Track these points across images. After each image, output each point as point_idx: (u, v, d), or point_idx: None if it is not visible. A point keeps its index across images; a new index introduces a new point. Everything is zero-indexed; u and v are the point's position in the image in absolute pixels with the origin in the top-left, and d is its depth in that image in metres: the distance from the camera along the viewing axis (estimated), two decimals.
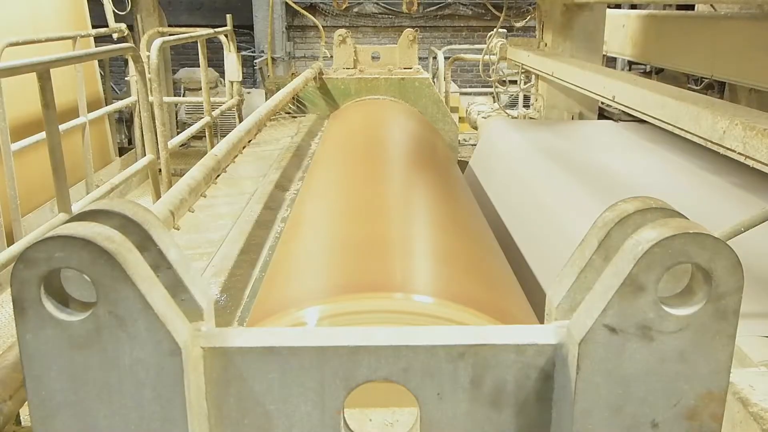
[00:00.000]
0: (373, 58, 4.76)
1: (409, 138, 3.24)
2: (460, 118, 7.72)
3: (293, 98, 4.03)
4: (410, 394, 0.70)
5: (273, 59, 11.47)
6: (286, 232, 2.07)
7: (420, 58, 5.28)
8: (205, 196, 2.06)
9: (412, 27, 7.18)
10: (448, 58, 6.73)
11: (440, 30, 13.28)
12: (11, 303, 0.67)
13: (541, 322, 0.79)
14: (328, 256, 1.65)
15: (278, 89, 3.70)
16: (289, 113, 4.33)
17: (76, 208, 3.39)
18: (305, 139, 3.78)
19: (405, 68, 4.67)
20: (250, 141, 2.66)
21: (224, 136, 2.37)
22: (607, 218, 0.72)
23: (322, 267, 1.59)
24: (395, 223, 1.83)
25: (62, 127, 3.95)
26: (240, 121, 5.92)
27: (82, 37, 5.87)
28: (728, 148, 2.00)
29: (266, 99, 4.52)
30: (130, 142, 8.30)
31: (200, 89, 7.02)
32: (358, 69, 4.64)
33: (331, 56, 4.85)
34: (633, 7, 5.28)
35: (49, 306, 0.64)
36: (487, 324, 1.26)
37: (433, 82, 5.90)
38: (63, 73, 5.23)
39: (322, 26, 8.27)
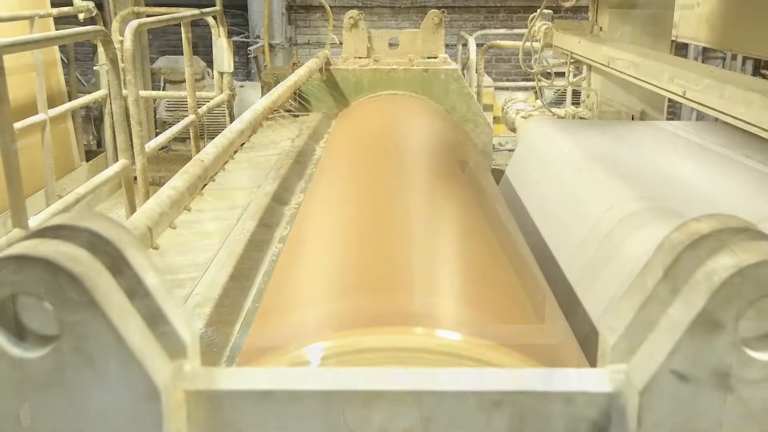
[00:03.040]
0: (390, 45, 4.78)
1: (433, 142, 3.25)
2: (494, 117, 7.74)
3: (294, 93, 4.05)
4: None
5: (271, 46, 11.54)
6: (285, 254, 2.07)
7: (447, 46, 5.31)
8: (189, 210, 2.07)
9: (438, 8, 7.21)
10: (482, 45, 6.76)
11: (472, 11, 13.33)
12: None
13: (593, 365, 0.78)
14: (335, 283, 1.65)
15: (277, 82, 3.72)
16: (289, 111, 4.35)
17: (34, 222, 3.42)
18: (308, 142, 3.80)
19: (429, 57, 4.68)
20: (243, 144, 2.68)
21: (212, 138, 2.38)
22: (675, 240, 0.72)
23: (327, 296, 1.59)
24: (416, 244, 1.83)
25: (17, 125, 4.00)
26: (231, 121, 5.95)
27: (41, 17, 5.95)
28: None
29: (262, 94, 4.54)
30: (99, 144, 8.38)
31: (183, 82, 7.08)
32: (373, 58, 4.67)
33: (340, 43, 4.88)
34: None
35: (2, 340, 0.65)
36: (527, 366, 1.25)
37: (463, 74, 5.91)
38: (18, 60, 5.28)
39: (330, 6, 8.32)
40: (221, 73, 6.69)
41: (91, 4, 6.76)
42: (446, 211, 2.21)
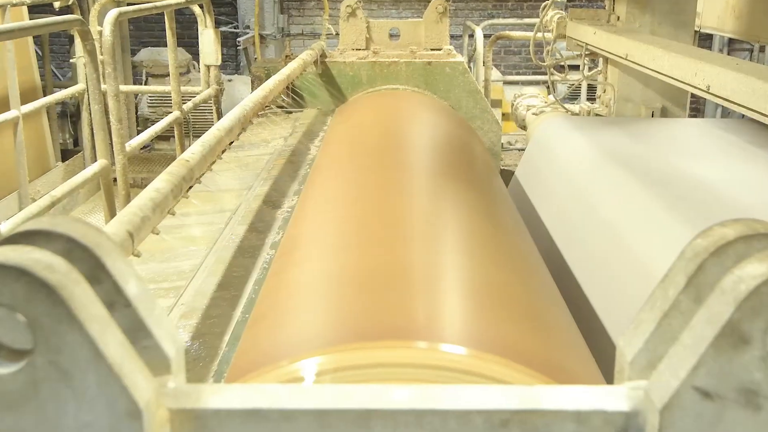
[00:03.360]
0: (391, 36, 4.79)
1: (436, 141, 3.25)
2: (503, 114, 7.76)
3: (287, 88, 4.05)
4: None
5: (261, 37, 11.55)
6: (278, 261, 2.07)
7: (452, 37, 5.31)
8: (173, 214, 2.07)
9: None
10: (489, 36, 6.77)
11: None
12: None
13: (610, 381, 0.78)
14: (331, 293, 1.65)
15: (268, 76, 3.72)
16: (282, 107, 4.35)
17: (6, 228, 3.42)
18: (302, 141, 3.80)
19: (433, 49, 4.69)
20: (231, 143, 2.68)
21: (198, 137, 2.39)
22: (698, 247, 0.72)
23: (323, 306, 1.59)
24: (418, 252, 1.83)
25: None
26: (219, 117, 5.96)
27: (14, 5, 5.95)
28: None
29: (252, 89, 4.54)
30: (76, 143, 8.39)
31: (167, 75, 7.08)
32: (372, 50, 4.67)
33: (337, 34, 4.89)
34: None
35: None
36: (538, 383, 1.25)
37: (470, 67, 5.91)
38: None
39: None
40: (208, 66, 6.69)
41: None
42: (451, 216, 2.21)
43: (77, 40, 6.37)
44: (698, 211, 2.83)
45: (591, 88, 7.71)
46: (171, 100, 5.91)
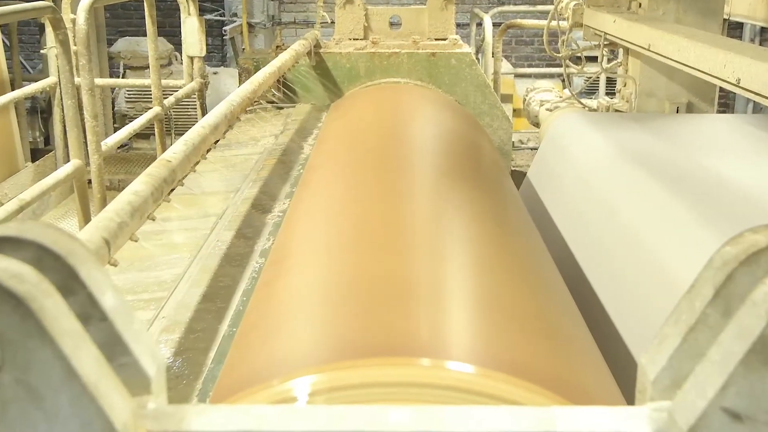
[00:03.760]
0: (391, 24, 4.79)
1: (441, 139, 3.25)
2: (514, 110, 7.76)
3: (278, 82, 4.05)
4: None
5: (250, 26, 11.59)
6: (268, 270, 2.07)
7: (459, 25, 5.32)
8: (153, 219, 2.07)
9: None
10: (499, 24, 6.78)
11: None
12: None
13: (631, 402, 0.78)
14: (325, 305, 1.65)
15: (257, 69, 3.73)
16: (272, 103, 4.36)
17: None
18: (295, 139, 3.80)
19: (437, 39, 4.70)
20: (217, 142, 2.69)
21: (181, 135, 2.39)
22: (727, 255, 0.72)
23: (317, 320, 1.59)
24: (421, 260, 1.83)
25: None
26: (203, 114, 5.96)
27: None
28: None
29: (240, 82, 4.55)
30: (47, 141, 8.39)
31: (147, 68, 7.09)
32: (371, 40, 4.68)
33: (332, 22, 4.89)
34: None
35: None
36: (551, 404, 1.25)
37: (477, 59, 5.91)
38: None
39: None
40: (191, 58, 6.69)
41: None
42: (456, 222, 2.21)
43: (48, 29, 6.37)
44: (728, 215, 2.83)
45: (610, 82, 7.71)
46: (151, 94, 5.91)
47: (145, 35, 6.20)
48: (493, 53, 6.71)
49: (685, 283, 0.76)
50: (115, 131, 6.40)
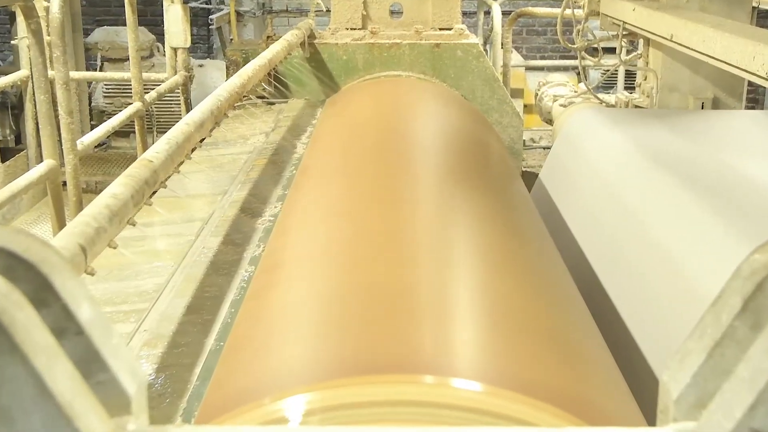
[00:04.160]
0: (392, 12, 4.79)
1: (446, 137, 3.25)
2: (525, 106, 7.76)
3: (269, 75, 4.06)
4: None
5: (239, 14, 11.58)
6: (258, 279, 2.07)
7: (465, 14, 5.32)
8: (133, 225, 2.07)
9: None
10: (509, 12, 6.78)
11: None
12: None
13: (652, 422, 0.78)
14: (321, 318, 1.65)
15: (246, 61, 3.73)
16: (262, 98, 4.36)
17: None
18: (287, 137, 3.81)
19: (441, 29, 4.70)
20: (203, 140, 2.68)
21: (164, 132, 2.39)
22: (757, 263, 0.72)
23: (311, 334, 1.59)
24: (424, 269, 1.83)
25: None
26: (188, 110, 5.96)
27: None
28: None
29: (228, 76, 4.55)
30: (18, 140, 8.38)
31: (126, 60, 7.09)
32: (370, 30, 4.68)
33: (328, 10, 4.90)
34: None
35: None
36: (566, 425, 1.25)
37: (485, 50, 5.92)
38: None
39: None
40: (175, 49, 6.69)
41: None
42: (463, 228, 2.21)
43: (20, 18, 6.38)
44: (758, 221, 2.83)
45: (629, 76, 7.72)
46: (131, 89, 5.91)
47: (124, 24, 6.20)
48: (502, 44, 6.72)
49: (710, 293, 0.76)
50: (91, 129, 6.41)
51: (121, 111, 5.87)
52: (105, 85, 9.15)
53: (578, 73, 5.41)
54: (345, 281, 1.78)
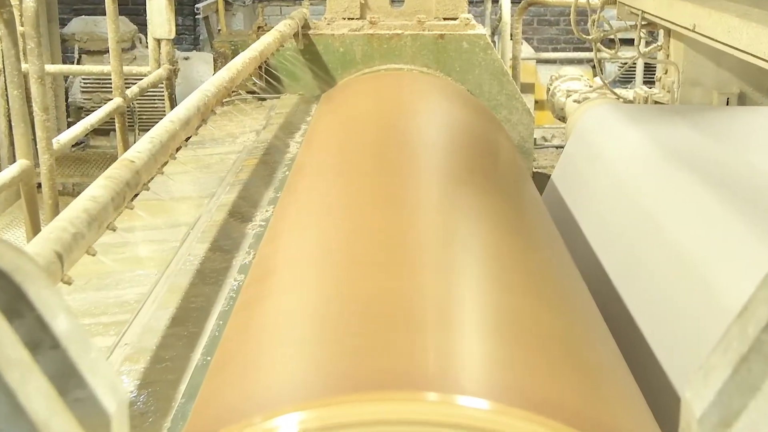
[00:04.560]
0: (392, 1, 4.80)
1: (451, 135, 3.25)
2: (537, 102, 7.76)
3: (260, 68, 4.06)
4: None
5: (227, 3, 11.58)
6: (248, 289, 2.08)
7: (471, 2, 5.33)
8: (114, 230, 2.07)
9: None
10: (519, 1, 6.79)
11: None
12: None
13: None
14: (315, 330, 1.65)
15: (235, 53, 3.73)
16: (253, 93, 4.37)
17: None
18: (279, 135, 3.81)
19: (446, 19, 4.70)
20: (188, 139, 2.69)
21: (146, 130, 2.39)
22: None
23: (305, 348, 1.59)
24: (427, 277, 1.83)
25: None
26: (172, 106, 5.97)
27: None
28: None
29: (215, 69, 4.55)
30: None
31: (106, 52, 7.09)
32: (369, 20, 4.69)
33: None
34: None
35: None
36: None
37: (493, 41, 5.92)
38: None
39: None
40: (158, 41, 6.70)
41: None
42: (469, 233, 2.21)
43: None
44: None
45: (649, 69, 7.72)
46: (111, 83, 5.92)
47: (103, 14, 6.20)
48: (511, 35, 6.73)
49: (736, 304, 0.76)
50: (69, 126, 6.41)
51: (100, 107, 5.88)
52: (83, 79, 9.15)
53: (593, 67, 5.42)
54: (341, 290, 1.78)
